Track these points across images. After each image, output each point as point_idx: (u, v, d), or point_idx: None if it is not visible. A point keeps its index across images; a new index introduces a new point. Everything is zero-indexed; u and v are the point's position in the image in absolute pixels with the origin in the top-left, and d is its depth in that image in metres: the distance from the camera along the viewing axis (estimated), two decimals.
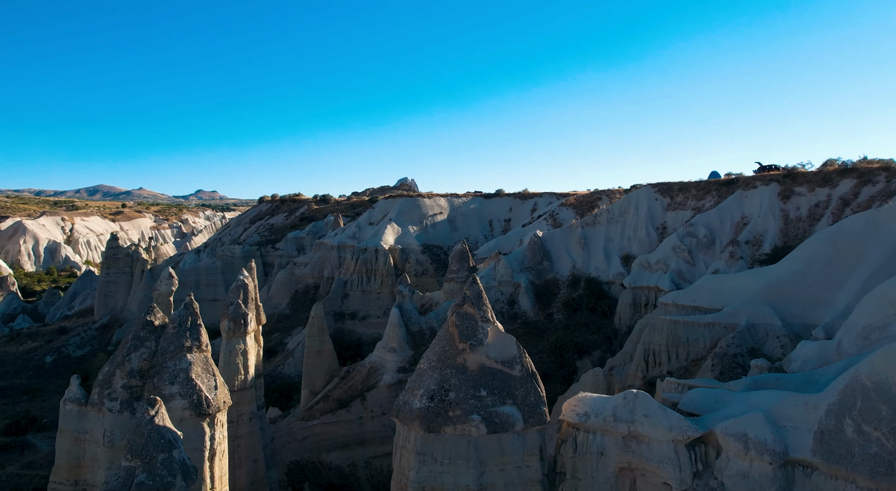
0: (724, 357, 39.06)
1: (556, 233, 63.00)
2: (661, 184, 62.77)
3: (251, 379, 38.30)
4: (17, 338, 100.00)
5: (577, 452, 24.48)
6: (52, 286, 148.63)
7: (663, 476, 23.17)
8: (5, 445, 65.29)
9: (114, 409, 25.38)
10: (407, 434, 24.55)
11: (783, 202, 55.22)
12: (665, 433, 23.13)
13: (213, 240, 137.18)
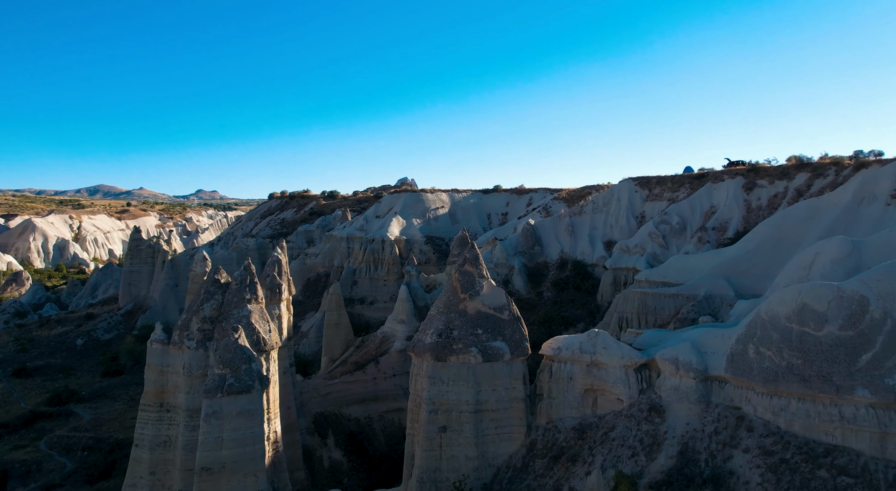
0: (685, 321, 46.18)
1: (546, 221, 70.19)
2: (641, 177, 69.95)
3: (284, 339, 45.38)
4: (48, 323, 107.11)
5: (552, 378, 31.65)
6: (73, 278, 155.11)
7: (617, 393, 30.35)
8: (51, 414, 72.42)
9: (191, 347, 32.46)
10: (420, 364, 31.71)
11: (747, 193, 62.36)
12: (618, 361, 30.30)
13: (225, 234, 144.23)
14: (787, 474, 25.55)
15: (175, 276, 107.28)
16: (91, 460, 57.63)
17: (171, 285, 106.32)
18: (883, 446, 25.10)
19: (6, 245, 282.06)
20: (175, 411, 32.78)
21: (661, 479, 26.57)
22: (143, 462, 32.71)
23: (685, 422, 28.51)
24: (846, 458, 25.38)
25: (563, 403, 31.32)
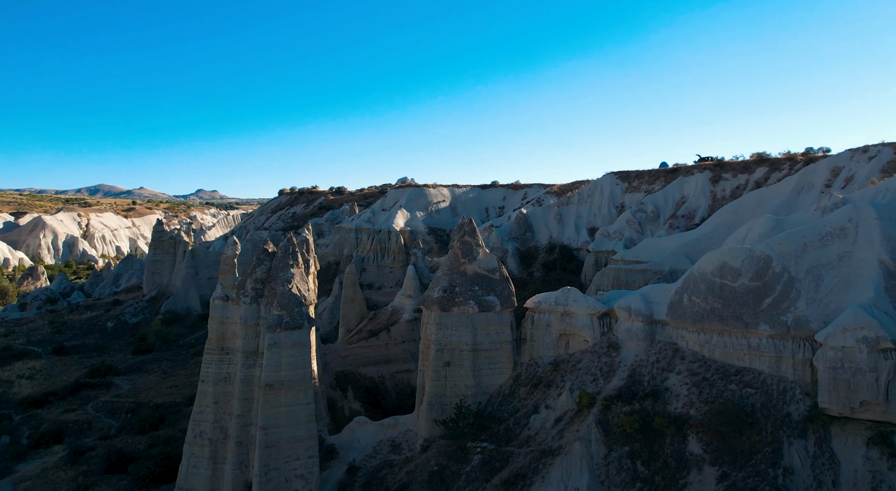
0: None
1: (537, 210, 78.53)
2: (622, 172, 78.25)
3: (312, 307, 53.65)
4: (77, 309, 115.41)
5: (534, 325, 40.02)
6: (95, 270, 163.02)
7: (584, 336, 38.70)
8: (93, 384, 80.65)
9: (246, 302, 40.77)
10: (429, 314, 40.06)
11: (713, 185, 70.71)
12: (585, 310, 38.66)
13: (239, 227, 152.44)
14: (707, 388, 33.90)
15: (195, 265, 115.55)
16: (135, 421, 65.85)
17: (191, 273, 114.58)
18: (778, 367, 33.46)
19: (17, 242, 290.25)
20: (233, 354, 41.10)
21: (614, 394, 34.91)
22: (208, 394, 41.05)
23: (634, 354, 36.88)
24: (751, 375, 33.74)
25: (542, 345, 39.68)
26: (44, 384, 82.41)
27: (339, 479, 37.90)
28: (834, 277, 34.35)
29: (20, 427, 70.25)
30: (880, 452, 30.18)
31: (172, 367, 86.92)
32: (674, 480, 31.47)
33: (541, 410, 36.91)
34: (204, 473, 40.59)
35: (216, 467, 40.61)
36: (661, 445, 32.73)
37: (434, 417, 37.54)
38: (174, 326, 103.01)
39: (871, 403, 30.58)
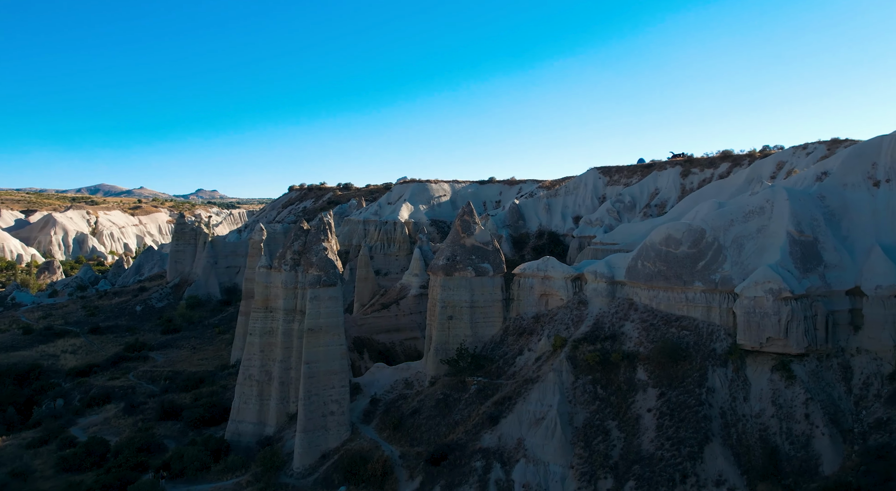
0: None
1: (528, 201, 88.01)
2: (603, 167, 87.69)
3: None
4: (106, 295, 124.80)
5: (520, 287, 49.52)
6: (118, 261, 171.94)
7: (560, 295, 48.19)
8: (131, 357, 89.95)
9: (286, 269, 50.23)
10: (435, 278, 49.54)
11: (683, 179, 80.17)
12: (561, 274, 48.15)
13: (252, 221, 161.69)
14: (653, 331, 43.41)
15: (214, 254, 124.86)
16: (178, 381, 75.19)
17: (211, 262, 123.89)
18: (708, 314, 42.97)
19: (28, 238, 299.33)
20: (276, 312, 50.59)
21: (581, 337, 44.42)
22: (255, 344, 50.54)
23: (599, 308, 46.41)
24: (687, 321, 43.26)
25: (527, 303, 49.22)
26: (86, 358, 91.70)
27: (364, 407, 47.39)
28: (753, 244, 43.89)
29: (71, 392, 79.49)
30: (780, 375, 39.70)
31: (200, 343, 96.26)
32: (625, 399, 41.00)
33: (524, 353, 46.47)
34: (252, 408, 50.11)
35: (262, 403, 50.16)
36: (616, 374, 42.24)
37: (440, 359, 47.06)
38: (197, 310, 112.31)
39: (774, 339, 40.10)
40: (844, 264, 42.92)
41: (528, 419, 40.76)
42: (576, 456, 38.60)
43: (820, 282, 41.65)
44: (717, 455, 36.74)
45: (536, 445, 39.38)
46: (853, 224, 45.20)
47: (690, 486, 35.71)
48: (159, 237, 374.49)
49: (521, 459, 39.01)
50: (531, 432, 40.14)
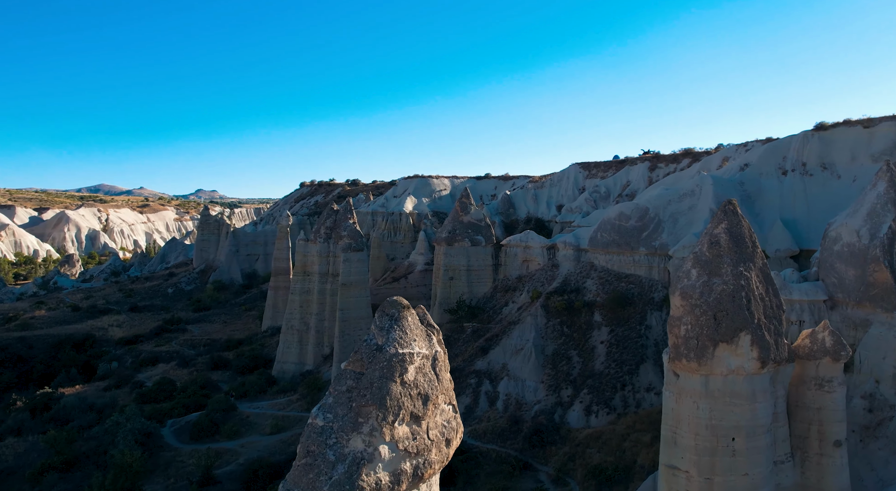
0: None
1: (518, 192, 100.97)
2: (584, 163, 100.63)
3: None
4: (138, 280, 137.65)
5: (507, 255, 62.55)
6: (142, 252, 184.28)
7: (538, 260, 61.23)
8: (170, 329, 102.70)
9: (320, 241, 63.18)
10: (439, 248, 62.54)
11: (650, 172, 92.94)
12: (538, 244, 61.18)
13: (266, 215, 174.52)
14: (607, 285, 56.36)
15: (236, 243, 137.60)
16: (220, 343, 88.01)
17: (233, 251, 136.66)
18: (650, 272, 55.94)
19: (42, 235, 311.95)
20: (312, 275, 63.54)
21: (552, 291, 57.38)
22: (295, 301, 63.48)
23: (567, 269, 59.40)
24: (633, 278, 56.23)
25: (512, 267, 62.24)
26: (131, 330, 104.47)
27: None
28: (685, 218, 56.89)
29: (123, 356, 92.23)
30: None
31: (229, 318, 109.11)
32: (584, 335, 53.98)
33: (509, 304, 59.51)
34: (294, 351, 63.10)
35: (302, 347, 63.15)
36: (578, 317, 55.22)
37: (443, 309, 60.06)
38: (223, 292, 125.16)
39: None
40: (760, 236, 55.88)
41: (510, 350, 53.75)
42: (545, 375, 51.59)
43: None
44: (649, 371, 49.74)
45: (517, 367, 52.37)
46: (764, 204, 58.22)
47: (628, 392, 48.69)
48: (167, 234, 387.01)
49: (505, 378, 51.99)
50: (513, 359, 53.12)
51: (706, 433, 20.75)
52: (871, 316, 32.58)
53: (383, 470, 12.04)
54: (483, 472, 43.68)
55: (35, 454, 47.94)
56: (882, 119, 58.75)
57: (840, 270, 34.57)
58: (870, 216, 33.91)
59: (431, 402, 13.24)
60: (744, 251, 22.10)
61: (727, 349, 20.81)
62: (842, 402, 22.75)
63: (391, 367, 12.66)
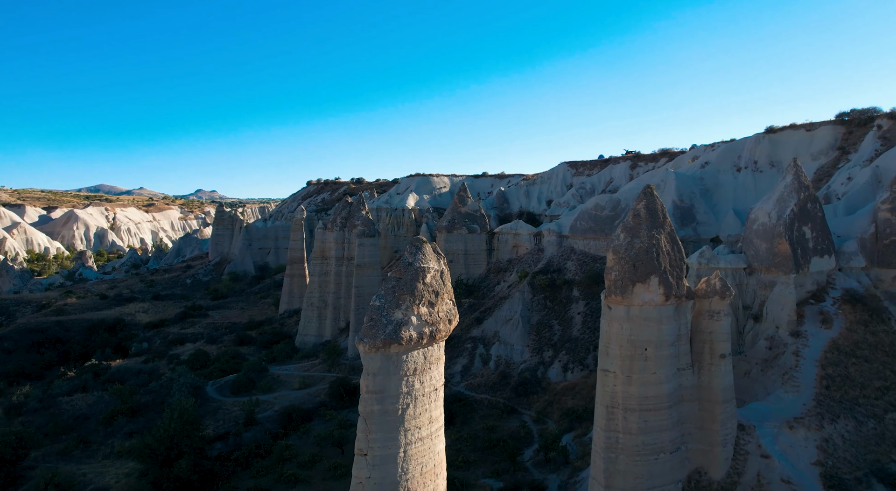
0: None
1: (512, 189, 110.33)
2: (572, 161, 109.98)
3: None
4: (157, 272, 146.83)
5: (499, 241, 71.98)
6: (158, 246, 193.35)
7: (526, 245, 70.66)
8: (193, 315, 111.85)
9: (335, 229, 72.53)
10: (440, 235, 71.94)
11: (631, 170, 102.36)
12: (526, 231, 70.61)
13: (275, 211, 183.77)
14: (584, 266, 65.72)
15: (249, 238, 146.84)
16: (241, 325, 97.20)
17: (246, 245, 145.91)
18: None
19: (52, 233, 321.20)
20: (329, 259, 72.83)
21: (538, 271, 66.77)
22: (315, 282, 72.80)
23: (551, 253, 68.79)
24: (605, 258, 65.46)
25: (503, 252, 71.61)
26: (156, 316, 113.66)
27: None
28: None
29: (152, 338, 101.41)
30: None
31: (246, 305, 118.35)
32: (564, 307, 63.33)
33: (500, 283, 68.89)
34: (313, 325, 72.41)
35: (320, 321, 72.46)
36: (559, 292, 64.57)
37: None
38: (238, 283, 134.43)
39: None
40: (710, 222, 65.37)
41: (501, 320, 63.13)
42: (531, 340, 60.96)
43: (693, 232, 64.08)
44: None
45: (506, 334, 61.74)
46: (720, 196, 67.66)
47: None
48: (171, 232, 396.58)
49: (497, 342, 61.38)
50: (503, 327, 62.49)
51: (627, 345, 30.08)
52: (776, 278, 42.00)
53: (413, 330, 21.44)
54: (477, 415, 53.06)
55: (103, 405, 57.18)
56: (821, 123, 68.32)
57: (756, 244, 43.99)
58: (778, 201, 43.33)
59: (440, 296, 22.71)
60: (656, 221, 31.49)
61: (642, 287, 30.14)
62: (727, 327, 32.09)
63: (416, 274, 22.15)
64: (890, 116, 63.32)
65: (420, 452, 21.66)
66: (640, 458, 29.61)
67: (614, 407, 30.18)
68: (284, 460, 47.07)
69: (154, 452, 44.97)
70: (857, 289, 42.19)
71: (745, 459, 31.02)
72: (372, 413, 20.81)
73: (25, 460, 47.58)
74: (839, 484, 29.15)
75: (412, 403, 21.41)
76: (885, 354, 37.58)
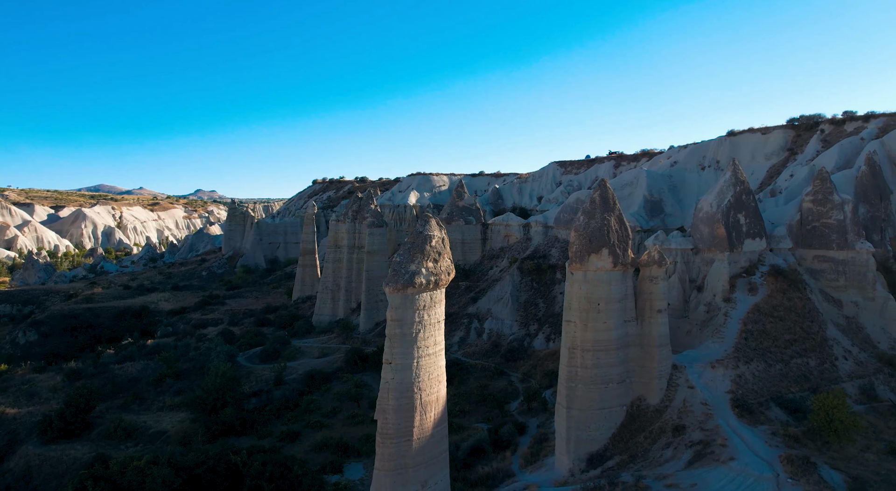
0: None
1: (505, 186, 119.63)
2: (561, 161, 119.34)
3: None
4: (174, 265, 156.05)
5: (492, 231, 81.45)
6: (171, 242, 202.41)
7: (516, 235, 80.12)
8: (211, 303, 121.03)
9: (349, 221, 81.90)
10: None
11: (615, 169, 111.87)
12: (516, 222, 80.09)
13: (283, 208, 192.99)
14: (566, 252, 74.89)
15: (260, 233, 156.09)
16: (259, 310, 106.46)
17: (257, 239, 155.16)
18: None
19: (61, 231, 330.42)
20: (342, 247, 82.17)
21: (526, 257, 76.16)
22: (329, 268, 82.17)
23: (538, 241, 78.18)
24: None
25: (495, 240, 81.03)
26: (177, 304, 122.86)
27: None
28: (625, 202, 75.56)
29: (176, 323, 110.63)
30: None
31: (260, 295, 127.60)
32: (548, 288, 72.67)
33: (493, 268, 78.27)
34: (328, 306, 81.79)
35: (334, 302, 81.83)
36: (544, 275, 73.91)
37: None
38: (250, 275, 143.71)
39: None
40: (677, 214, 74.73)
41: (493, 299, 72.48)
42: (519, 315, 70.30)
43: (661, 222, 73.43)
44: None
45: (498, 311, 71.07)
46: (686, 191, 77.00)
47: None
48: (176, 231, 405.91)
49: (489, 318, 70.73)
50: (495, 305, 71.84)
51: (584, 301, 39.36)
52: (715, 256, 51.37)
53: (423, 278, 30.73)
54: (472, 377, 62.38)
55: (150, 371, 66.46)
56: (774, 127, 77.80)
57: (701, 228, 53.35)
58: (718, 194, 52.70)
59: (441, 255, 32.05)
60: (607, 206, 40.84)
61: (595, 257, 39.43)
62: (664, 289, 41.36)
63: (425, 239, 31.49)
64: (831, 122, 72.75)
65: (428, 364, 30.89)
66: (593, 386, 38.92)
67: (574, 348, 39.51)
68: (310, 411, 56.36)
69: (203, 402, 54.25)
70: (782, 265, 51.55)
71: (675, 390, 40.34)
72: (394, 335, 30.07)
73: (93, 412, 56.82)
74: (743, 405, 38.46)
75: (422, 330, 30.66)
76: (797, 315, 46.96)
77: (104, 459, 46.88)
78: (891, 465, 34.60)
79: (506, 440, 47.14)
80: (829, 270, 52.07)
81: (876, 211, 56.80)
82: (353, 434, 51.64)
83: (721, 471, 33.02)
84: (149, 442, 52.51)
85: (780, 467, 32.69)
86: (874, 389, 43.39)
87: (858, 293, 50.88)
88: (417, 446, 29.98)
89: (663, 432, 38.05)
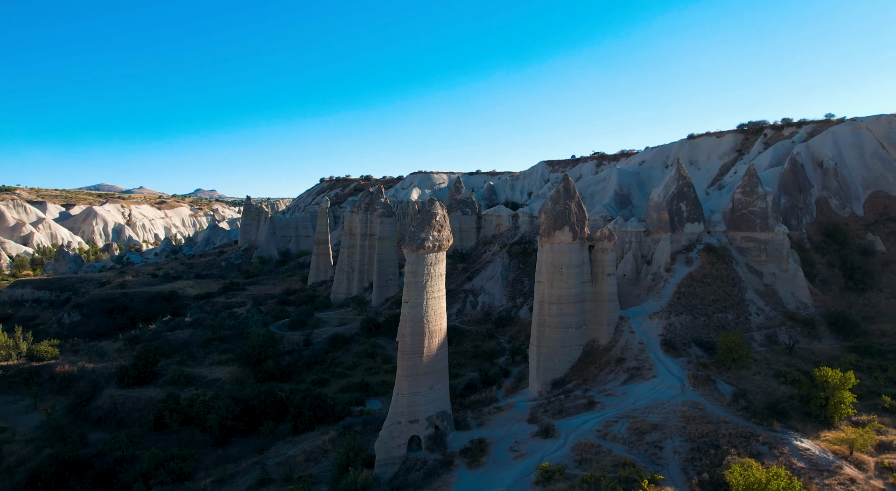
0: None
1: (499, 183, 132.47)
2: (549, 160, 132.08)
3: None
4: (194, 257, 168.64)
5: (485, 221, 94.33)
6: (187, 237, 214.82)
7: (506, 224, 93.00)
8: (232, 289, 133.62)
9: (359, 212, 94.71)
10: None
11: (597, 167, 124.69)
12: (507, 213, 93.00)
13: (293, 205, 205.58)
14: None
15: (273, 227, 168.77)
16: (278, 292, 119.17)
17: (271, 233, 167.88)
18: None
19: (73, 228, 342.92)
20: (355, 235, 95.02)
21: (514, 242, 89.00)
22: (345, 252, 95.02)
23: (524, 229, 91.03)
24: None
25: (488, 229, 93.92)
26: (202, 289, 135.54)
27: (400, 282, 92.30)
28: (598, 196, 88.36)
29: (203, 306, 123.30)
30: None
31: (276, 282, 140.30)
32: (533, 268, 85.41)
33: (486, 252, 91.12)
34: (344, 285, 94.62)
35: (349, 282, 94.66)
36: (530, 258, 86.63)
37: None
38: (265, 265, 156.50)
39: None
40: (642, 205, 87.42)
41: (486, 277, 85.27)
42: (507, 291, 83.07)
43: (629, 213, 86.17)
44: None
45: (490, 287, 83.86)
46: (651, 186, 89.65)
47: None
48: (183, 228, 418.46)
49: (483, 293, 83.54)
50: (488, 283, 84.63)
51: (550, 265, 52.11)
52: (661, 236, 64.17)
53: (430, 243, 43.57)
54: (467, 339, 75.13)
55: (197, 336, 79.17)
56: (727, 132, 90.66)
57: (651, 214, 66.13)
58: (665, 186, 65.49)
59: (443, 227, 44.99)
60: (569, 194, 53.65)
61: (559, 233, 52.18)
62: (613, 258, 54.09)
63: (431, 215, 44.42)
64: (773, 127, 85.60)
65: (434, 305, 43.59)
66: (557, 330, 51.70)
67: (543, 302, 52.29)
68: (335, 365, 69.17)
69: (248, 356, 67.03)
70: (715, 244, 64.36)
71: (620, 334, 53.11)
72: (410, 283, 42.78)
73: (158, 365, 69.55)
74: (669, 344, 51.24)
75: (429, 279, 43.36)
76: (722, 281, 59.76)
77: (175, 397, 59.65)
78: (771, 382, 47.43)
79: (493, 379, 59.91)
80: (753, 248, 64.86)
81: (795, 201, 69.64)
82: (371, 381, 64.36)
83: (645, 385, 45.88)
84: (207, 386, 65.27)
85: (687, 382, 45.55)
86: (777, 337, 56.14)
87: (776, 266, 63.66)
88: (426, 360, 42.76)
89: (609, 364, 50.87)
